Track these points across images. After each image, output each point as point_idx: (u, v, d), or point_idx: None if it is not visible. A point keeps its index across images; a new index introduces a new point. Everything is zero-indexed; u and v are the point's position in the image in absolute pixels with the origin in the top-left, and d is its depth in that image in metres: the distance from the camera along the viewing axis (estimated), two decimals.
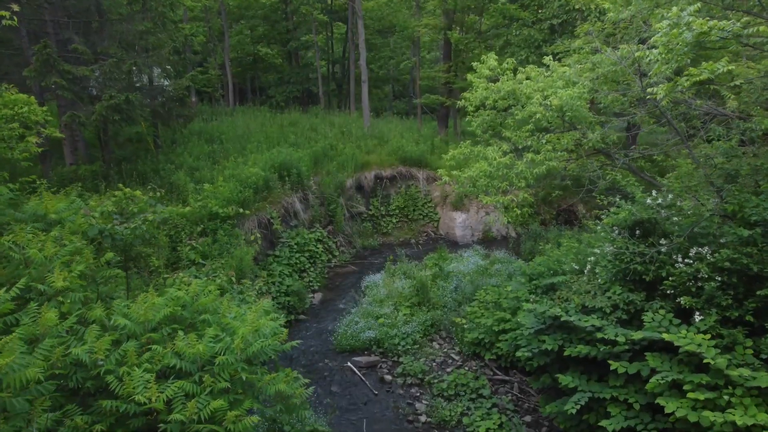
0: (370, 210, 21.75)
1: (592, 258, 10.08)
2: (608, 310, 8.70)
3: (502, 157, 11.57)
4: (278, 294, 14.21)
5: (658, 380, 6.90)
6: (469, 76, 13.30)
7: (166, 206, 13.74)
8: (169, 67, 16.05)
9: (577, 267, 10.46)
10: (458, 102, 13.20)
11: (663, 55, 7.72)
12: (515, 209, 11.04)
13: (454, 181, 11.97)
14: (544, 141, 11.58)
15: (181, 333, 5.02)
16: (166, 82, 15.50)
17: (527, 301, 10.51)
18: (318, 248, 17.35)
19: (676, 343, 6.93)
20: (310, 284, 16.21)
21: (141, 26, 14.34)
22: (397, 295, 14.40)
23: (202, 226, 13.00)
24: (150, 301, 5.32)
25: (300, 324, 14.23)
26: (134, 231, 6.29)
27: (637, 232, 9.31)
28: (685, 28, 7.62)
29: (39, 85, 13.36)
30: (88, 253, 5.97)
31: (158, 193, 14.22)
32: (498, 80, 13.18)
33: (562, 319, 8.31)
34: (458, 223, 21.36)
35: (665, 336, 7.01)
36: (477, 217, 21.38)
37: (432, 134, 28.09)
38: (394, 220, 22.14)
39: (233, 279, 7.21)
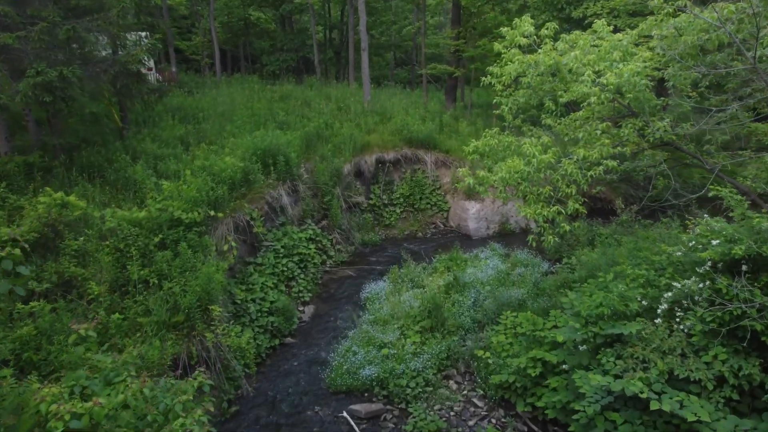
0: (371, 199, 19.05)
1: (669, 294, 7.49)
2: (710, 385, 6.15)
3: (542, 153, 8.84)
4: (259, 315, 11.69)
5: None
6: (497, 46, 10.47)
7: (123, 209, 11.15)
8: (126, 34, 13.12)
9: (645, 303, 7.88)
10: (483, 78, 10.39)
11: None
12: (564, 226, 8.41)
13: (478, 183, 9.27)
14: (599, 132, 8.83)
15: None
16: (121, 53, 12.61)
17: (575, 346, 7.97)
18: (310, 249, 14.74)
19: None
20: (300, 295, 13.66)
21: None
22: (404, 314, 11.87)
23: (161, 235, 10.36)
24: None
25: (286, 350, 11.74)
26: None
27: (744, 267, 6.69)
28: None
29: None
30: None
31: (107, 194, 11.64)
32: (532, 51, 10.36)
33: (652, 407, 5.74)
34: (471, 214, 18.70)
35: None
36: (493, 208, 18.72)
37: (439, 109, 25.19)
38: (398, 211, 19.44)
39: (151, 387, 4.66)
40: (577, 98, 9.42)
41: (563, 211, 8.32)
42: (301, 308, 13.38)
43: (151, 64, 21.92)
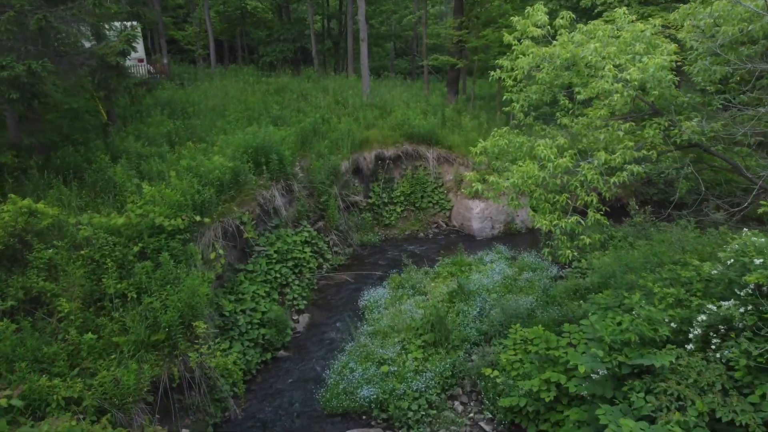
0: (370, 198, 18.19)
1: (704, 317, 6.68)
2: (759, 431, 5.35)
3: (558, 156, 7.99)
4: (249, 327, 10.88)
5: None
6: (506, 37, 9.58)
7: (102, 215, 10.31)
8: (107, 24, 12.22)
9: (674, 325, 7.07)
10: (492, 73, 9.52)
11: None
12: (584, 238, 7.60)
13: (488, 189, 8.44)
14: (621, 133, 7.98)
15: None
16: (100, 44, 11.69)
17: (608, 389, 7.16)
18: (305, 253, 13.92)
19: None
20: (294, 303, 12.84)
21: None
22: (405, 326, 11.07)
23: (140, 244, 9.52)
24: None
25: (278, 365, 10.95)
26: None
27: None
28: None
29: None
30: None
31: (85, 197, 10.80)
32: (546, 42, 9.48)
33: None
34: (475, 213, 17.86)
35: None
36: (498, 207, 17.84)
37: (441, 102, 24.26)
38: (399, 210, 18.59)
39: None
40: (595, 95, 8.58)
41: (582, 222, 7.49)
42: (295, 317, 12.58)
43: (143, 55, 20.98)
